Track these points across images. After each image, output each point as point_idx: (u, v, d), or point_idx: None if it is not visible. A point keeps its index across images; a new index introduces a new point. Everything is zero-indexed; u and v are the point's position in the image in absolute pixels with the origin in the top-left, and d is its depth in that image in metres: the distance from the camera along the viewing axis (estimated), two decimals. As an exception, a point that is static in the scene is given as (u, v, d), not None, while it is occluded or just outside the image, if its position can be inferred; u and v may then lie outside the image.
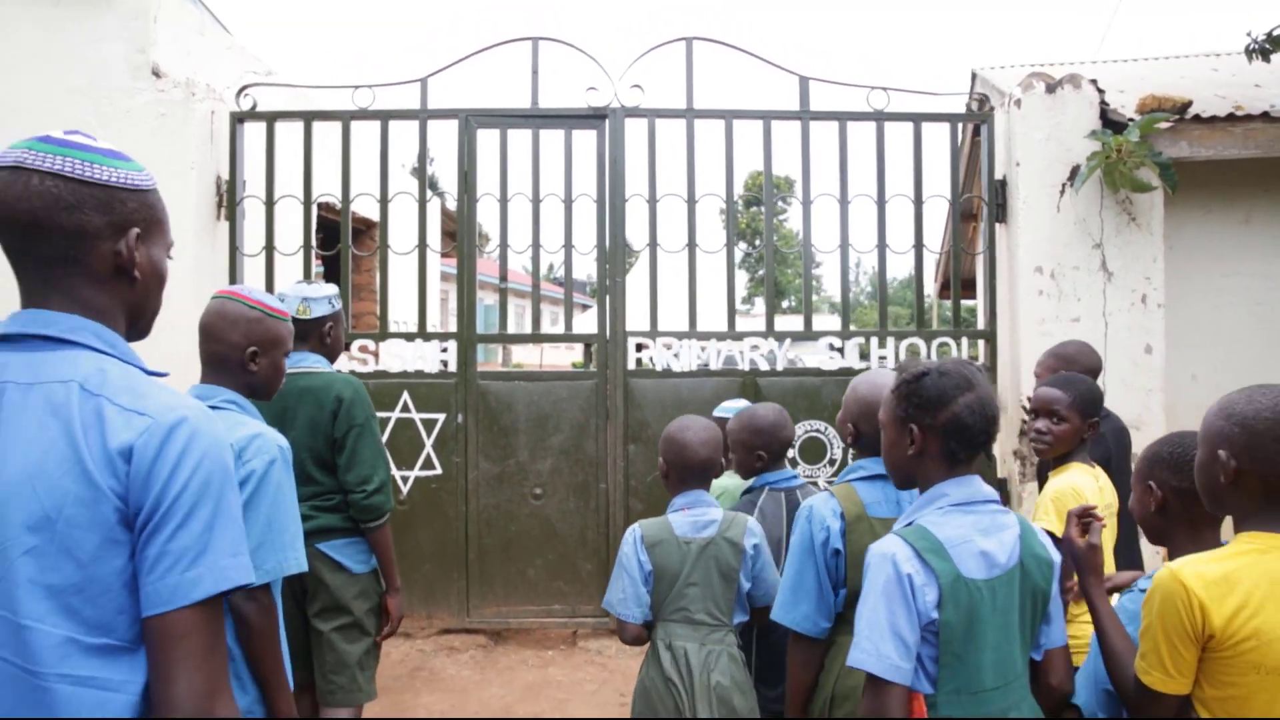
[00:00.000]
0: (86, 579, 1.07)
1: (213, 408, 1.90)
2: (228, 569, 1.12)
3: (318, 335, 2.96)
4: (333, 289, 3.02)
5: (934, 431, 1.75)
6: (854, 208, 5.11)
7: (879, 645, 1.62)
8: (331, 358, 3.03)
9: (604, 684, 4.38)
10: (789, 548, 2.17)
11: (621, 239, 5.13)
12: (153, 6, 4.87)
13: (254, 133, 5.01)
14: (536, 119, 4.99)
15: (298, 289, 2.97)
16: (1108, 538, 2.64)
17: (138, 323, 1.29)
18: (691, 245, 5.05)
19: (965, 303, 9.46)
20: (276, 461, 1.94)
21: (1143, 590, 1.73)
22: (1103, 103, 4.78)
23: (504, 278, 5.19)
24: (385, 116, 4.99)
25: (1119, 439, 3.50)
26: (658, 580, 2.48)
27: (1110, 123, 4.73)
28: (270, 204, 4.96)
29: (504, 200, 4.99)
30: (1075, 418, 2.69)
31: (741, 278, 26.22)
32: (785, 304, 28.69)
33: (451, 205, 5.90)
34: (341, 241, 5.02)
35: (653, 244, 5.08)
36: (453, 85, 5.06)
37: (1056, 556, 1.82)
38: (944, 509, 1.73)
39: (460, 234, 5.07)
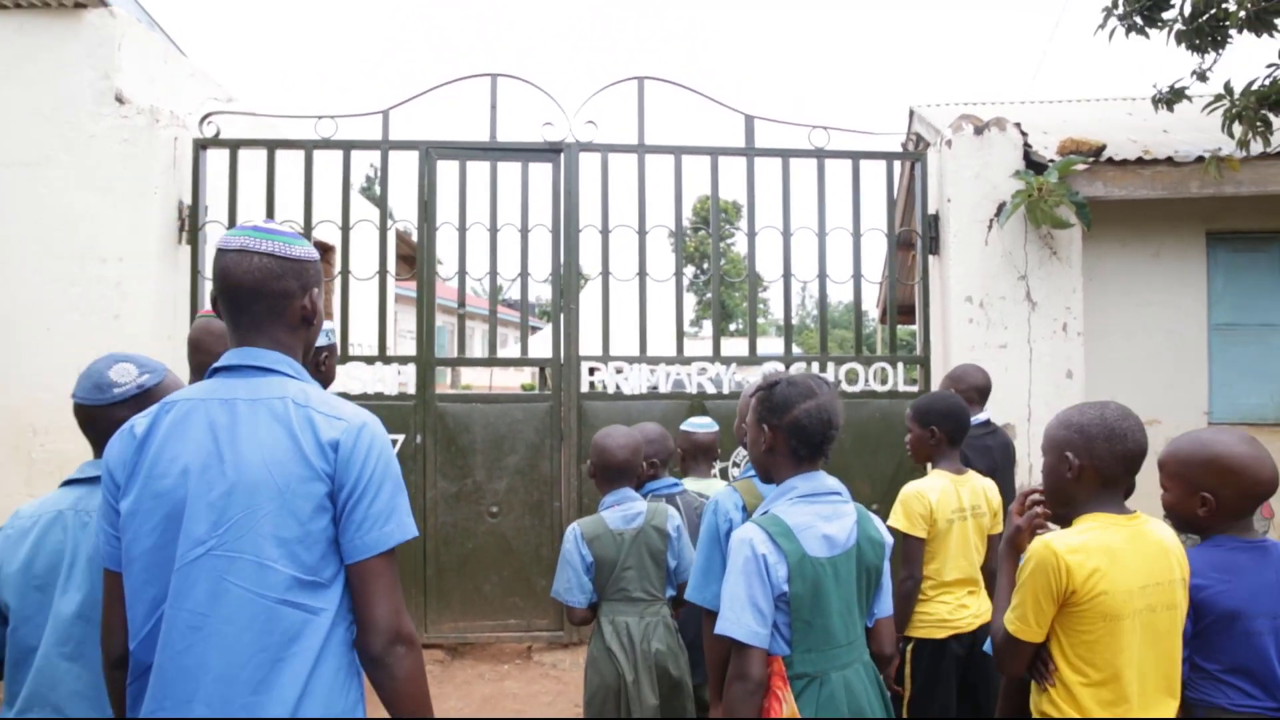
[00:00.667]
0: (305, 533, 1.51)
1: None
2: (407, 526, 1.60)
3: (314, 365, 2.97)
4: (332, 324, 3.11)
5: (781, 431, 2.07)
6: (796, 239, 5.33)
7: (740, 615, 1.91)
8: (325, 386, 3.05)
9: (559, 695, 4.50)
10: (699, 537, 2.41)
11: (575, 267, 5.30)
12: (117, 34, 4.94)
13: (217, 159, 5.08)
14: (495, 152, 5.15)
15: None
16: (975, 530, 3.00)
17: (307, 354, 1.72)
18: (642, 274, 5.23)
19: (908, 328, 9.80)
20: None
21: None
22: (1026, 144, 5.10)
23: (462, 303, 5.31)
24: (348, 146, 5.12)
25: (1005, 452, 3.92)
26: (598, 568, 2.82)
27: (1033, 163, 5.05)
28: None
29: (462, 229, 5.13)
30: (915, 426, 3.07)
31: (690, 300, 26.64)
32: (733, 326, 29.05)
33: (410, 232, 5.97)
34: (339, 270, 5.07)
35: (605, 272, 5.26)
36: (413, 117, 5.24)
37: (889, 539, 2.17)
38: (793, 499, 2.05)
39: (420, 261, 5.18)
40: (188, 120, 5.09)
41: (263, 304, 1.61)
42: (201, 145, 5.02)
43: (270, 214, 5.07)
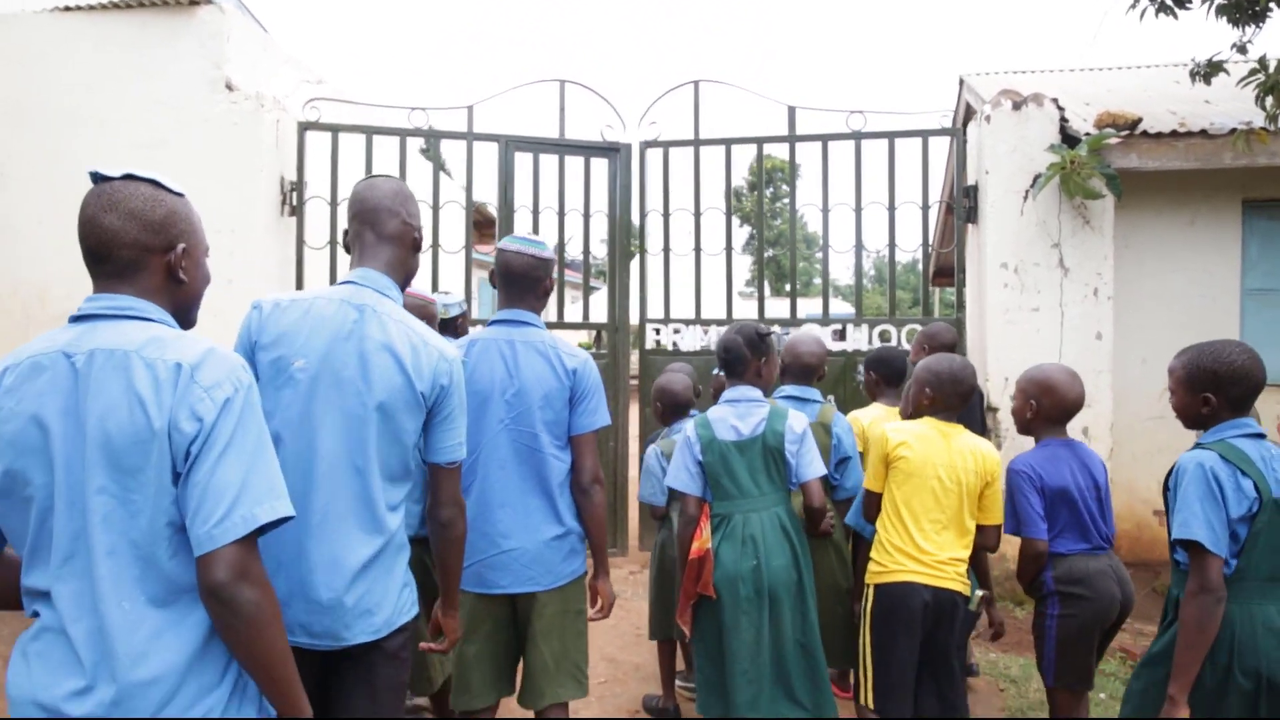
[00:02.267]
0: (558, 420, 2.54)
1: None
2: (605, 418, 2.65)
3: (453, 329, 3.60)
4: (459, 295, 3.77)
5: (732, 354, 3.02)
6: (838, 213, 5.74)
7: (679, 475, 2.96)
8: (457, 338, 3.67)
9: (621, 620, 4.94)
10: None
11: (627, 246, 6.02)
12: (225, 27, 5.42)
13: (314, 140, 5.55)
14: (563, 147, 5.79)
15: (439, 296, 3.62)
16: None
17: (540, 312, 2.69)
18: (697, 250, 5.93)
19: (952, 290, 9.97)
20: None
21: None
22: (1062, 119, 5.26)
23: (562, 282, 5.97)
24: (438, 136, 5.71)
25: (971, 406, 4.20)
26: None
27: (1068, 136, 5.22)
28: (334, 205, 5.53)
29: (535, 211, 5.81)
30: (868, 372, 3.80)
31: (746, 260, 26.97)
32: (785, 287, 29.21)
33: (491, 209, 6.56)
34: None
35: (666, 249, 5.92)
36: (492, 111, 5.92)
37: (795, 431, 2.92)
38: (720, 404, 3.02)
39: (499, 236, 5.79)
40: (287, 104, 5.56)
41: (531, 287, 2.61)
42: (305, 128, 5.49)
43: None
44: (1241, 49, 5.18)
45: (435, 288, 5.62)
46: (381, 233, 2.05)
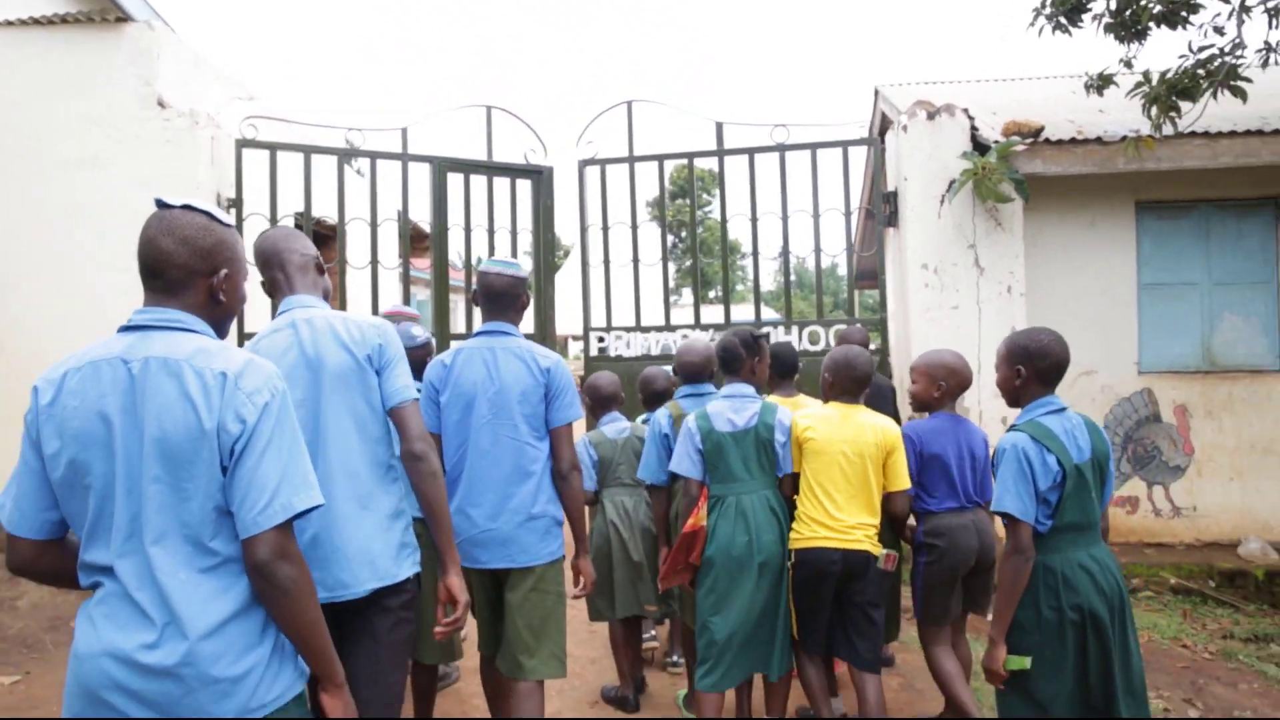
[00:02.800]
0: (535, 414, 2.87)
1: None
2: (578, 412, 2.93)
3: (422, 357, 3.57)
4: (426, 332, 3.77)
5: (730, 358, 3.38)
6: (766, 222, 6.03)
7: (681, 461, 3.30)
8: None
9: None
10: (647, 438, 3.64)
11: (550, 262, 6.31)
12: (156, 45, 5.37)
13: (252, 158, 5.54)
14: (491, 169, 6.02)
15: (408, 326, 3.62)
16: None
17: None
18: (635, 261, 6.13)
19: (874, 293, 10.30)
20: None
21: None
22: (973, 127, 5.61)
23: (469, 287, 5.91)
24: (374, 156, 5.81)
25: (878, 392, 4.50)
26: (601, 464, 3.99)
27: (979, 144, 5.57)
28: (274, 221, 5.53)
29: (467, 229, 6.01)
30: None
31: (672, 268, 27.27)
32: (711, 293, 29.71)
33: (424, 227, 6.63)
34: (338, 258, 5.71)
35: (606, 261, 6.19)
36: (421, 131, 6.08)
37: (784, 425, 3.27)
38: (718, 398, 3.36)
39: (435, 255, 5.97)
40: (221, 120, 5.54)
41: (509, 303, 2.97)
42: (242, 145, 5.48)
43: (308, 212, 5.64)
44: (1128, 64, 5.60)
45: (375, 301, 5.65)
46: (290, 269, 2.36)
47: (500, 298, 2.96)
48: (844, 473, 3.17)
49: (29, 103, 5.31)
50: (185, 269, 1.66)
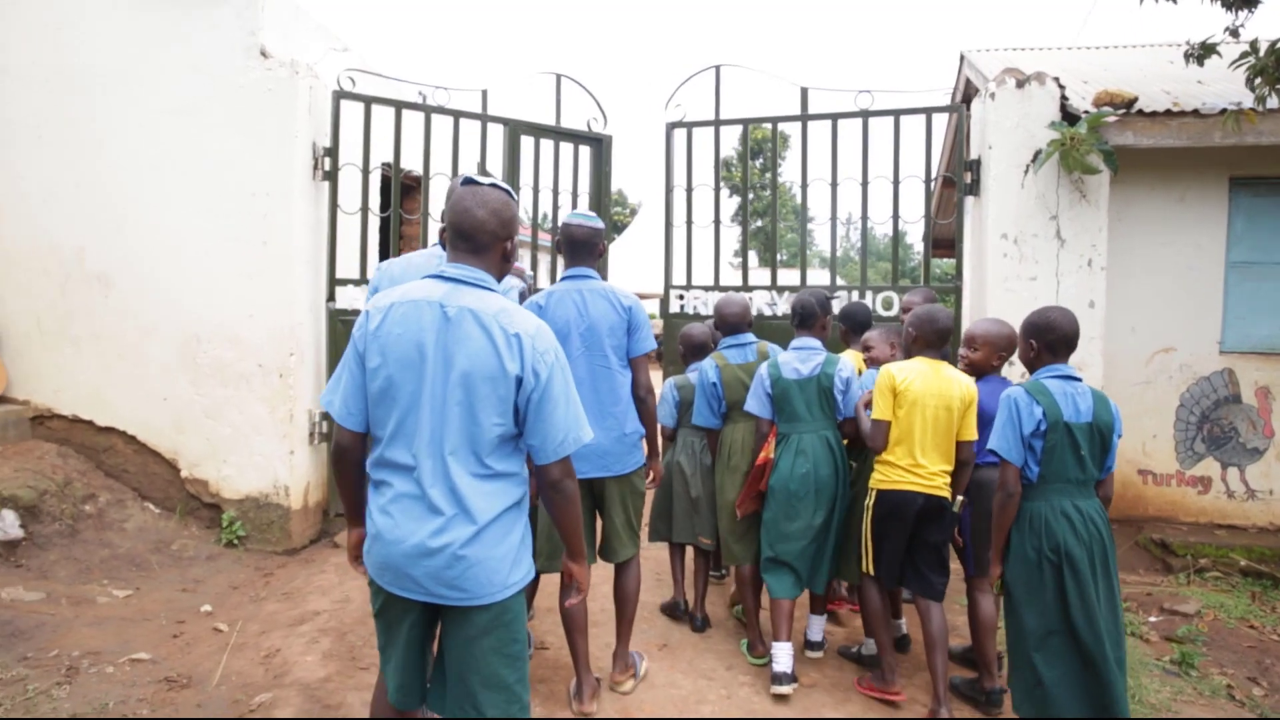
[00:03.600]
0: (619, 345, 3.40)
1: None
2: (652, 343, 3.42)
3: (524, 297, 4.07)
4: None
5: (791, 315, 3.98)
6: (845, 188, 6.00)
7: (753, 402, 3.85)
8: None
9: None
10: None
11: (609, 224, 6.42)
12: (258, -4, 5.52)
13: (346, 109, 5.70)
14: (558, 134, 6.31)
15: (520, 271, 4.35)
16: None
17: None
18: (717, 222, 6.37)
19: (949, 261, 10.16)
20: None
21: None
22: (1063, 97, 5.48)
23: (535, 243, 6.53)
24: (457, 115, 6.02)
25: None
26: (681, 405, 4.39)
27: (1068, 114, 5.44)
28: (366, 172, 5.70)
29: (535, 190, 6.34)
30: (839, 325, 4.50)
31: (737, 229, 27.21)
32: (780, 256, 29.54)
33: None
34: (421, 209, 5.87)
35: (689, 221, 6.41)
36: (498, 95, 6.32)
37: (843, 376, 3.78)
38: (790, 349, 3.87)
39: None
40: (319, 70, 5.69)
41: (586, 248, 3.40)
42: (340, 96, 5.63)
43: (397, 164, 5.82)
44: (1234, 32, 5.40)
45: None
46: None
47: (582, 245, 3.40)
48: (933, 423, 3.41)
49: (137, 50, 5.51)
50: (493, 235, 2.12)
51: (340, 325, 5.63)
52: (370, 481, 2.15)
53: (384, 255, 7.09)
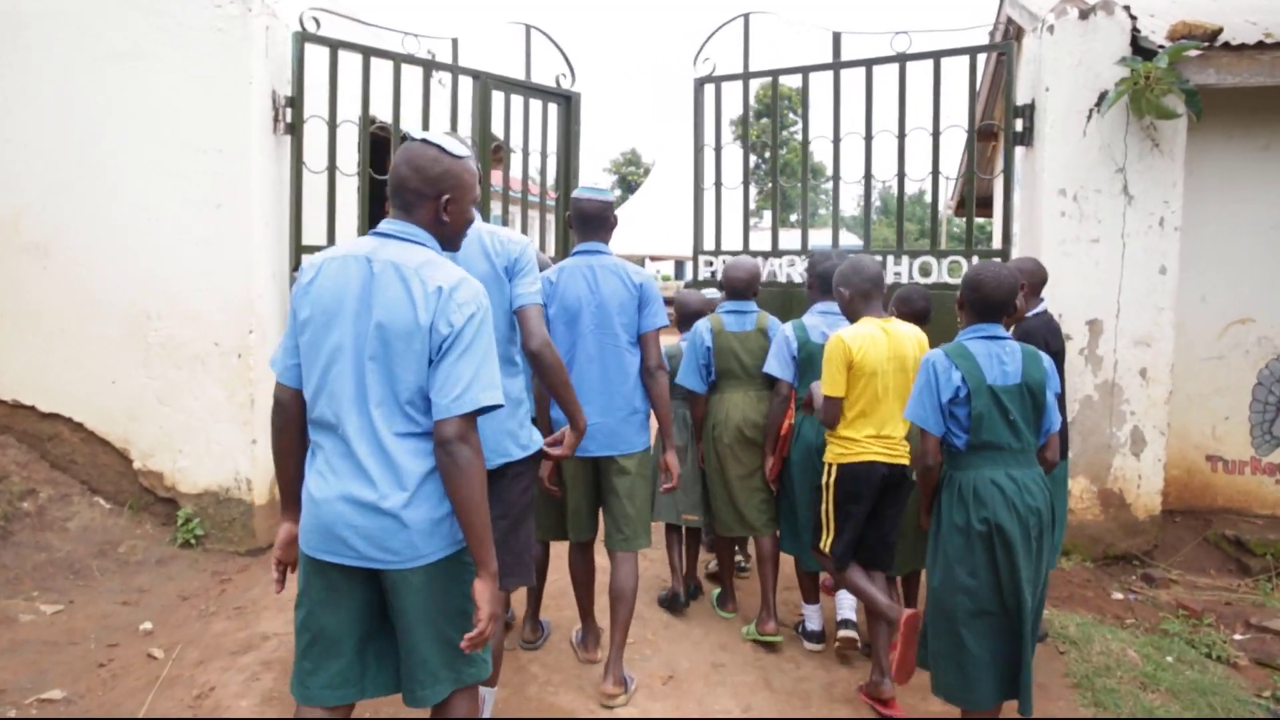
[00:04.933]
0: (630, 323, 3.25)
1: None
2: (664, 319, 3.34)
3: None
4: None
5: (815, 278, 3.81)
6: (878, 141, 5.39)
7: (776, 363, 3.70)
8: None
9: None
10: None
11: (573, 187, 6.13)
12: (206, -78, 4.78)
13: (311, 54, 4.98)
14: (529, 90, 5.82)
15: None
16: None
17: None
18: (746, 183, 5.89)
19: (979, 220, 9.54)
20: None
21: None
22: (1134, 29, 4.69)
23: (506, 205, 6.03)
24: (428, 65, 5.43)
25: (1043, 332, 3.73)
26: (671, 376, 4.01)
27: (1140, 49, 4.65)
28: (333, 126, 5.00)
29: (507, 150, 6.01)
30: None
31: (755, 190, 26.47)
32: (793, 218, 28.67)
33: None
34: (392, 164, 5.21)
35: (718, 184, 5.93)
36: (468, 45, 5.72)
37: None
38: (813, 314, 3.76)
39: (482, 170, 5.47)
40: (277, 9, 4.96)
41: (597, 222, 3.28)
42: (304, 39, 4.90)
43: (365, 116, 5.14)
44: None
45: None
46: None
47: (593, 220, 3.29)
48: (895, 390, 3.23)
49: (75, -13, 4.80)
50: (416, 193, 2.04)
51: (308, 298, 4.98)
52: (309, 448, 2.06)
53: (370, 220, 6.47)
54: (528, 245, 2.69)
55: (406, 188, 2.03)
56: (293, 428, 2.09)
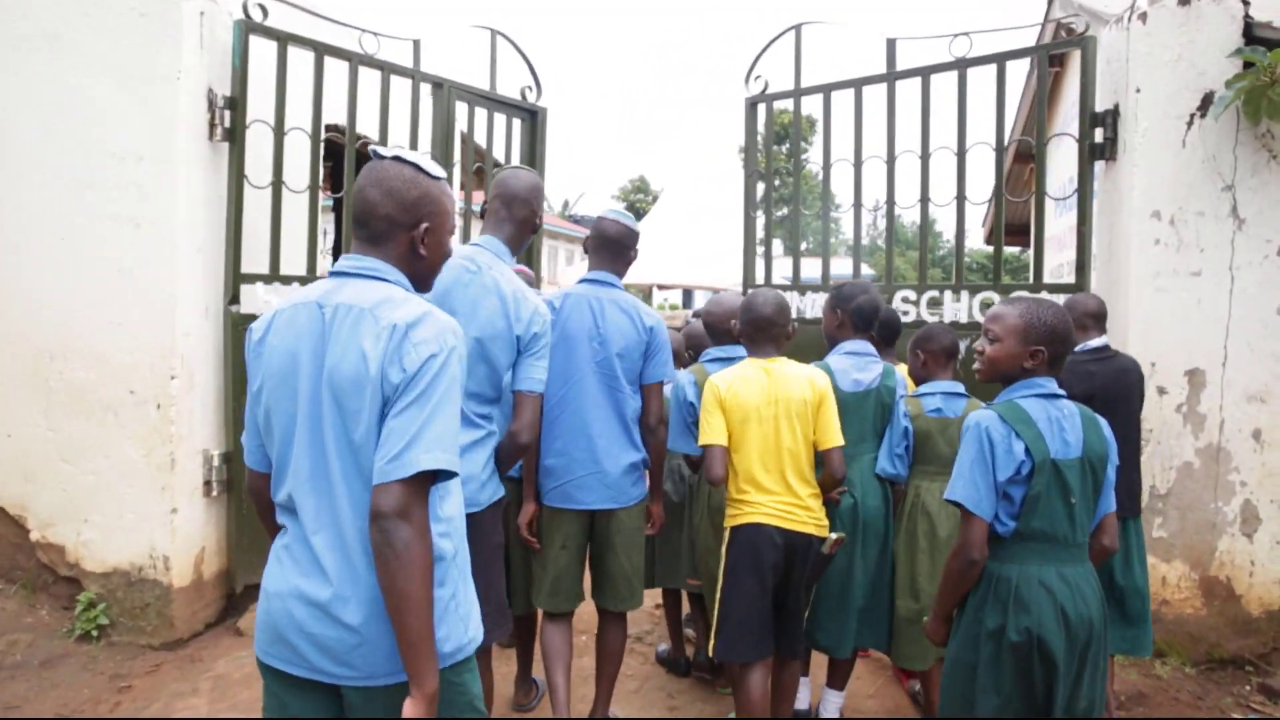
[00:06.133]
0: (633, 368, 3.01)
1: None
2: (670, 372, 3.20)
3: None
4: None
5: (846, 314, 3.25)
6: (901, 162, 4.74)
7: (673, 433, 3.22)
8: None
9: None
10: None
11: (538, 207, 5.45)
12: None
13: (257, 48, 4.16)
14: (493, 102, 5.21)
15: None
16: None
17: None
18: (795, 207, 6.30)
19: (1013, 249, 8.71)
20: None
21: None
22: (1247, 16, 3.84)
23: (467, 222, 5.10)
24: (387, 68, 4.65)
25: (1117, 380, 3.27)
26: None
27: (1255, 39, 3.81)
28: (281, 133, 4.19)
29: (465, 167, 5.24)
30: (914, 353, 3.36)
31: (761, 217, 25.86)
32: (803, 246, 28.12)
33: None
34: (347, 178, 4.43)
35: (768, 210, 5.88)
36: (431, 49, 4.97)
37: (901, 390, 3.20)
38: (838, 355, 3.23)
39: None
40: (216, -6, 4.15)
41: (617, 249, 3.07)
42: (248, 29, 4.09)
43: (318, 120, 4.36)
44: None
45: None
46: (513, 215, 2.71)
47: (611, 244, 3.03)
48: (775, 437, 2.87)
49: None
50: (387, 220, 1.68)
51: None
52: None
53: (335, 247, 5.75)
54: (549, 324, 2.55)
55: (375, 214, 1.68)
56: (269, 511, 1.74)
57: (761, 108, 5.33)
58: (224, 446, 4.13)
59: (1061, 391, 2.27)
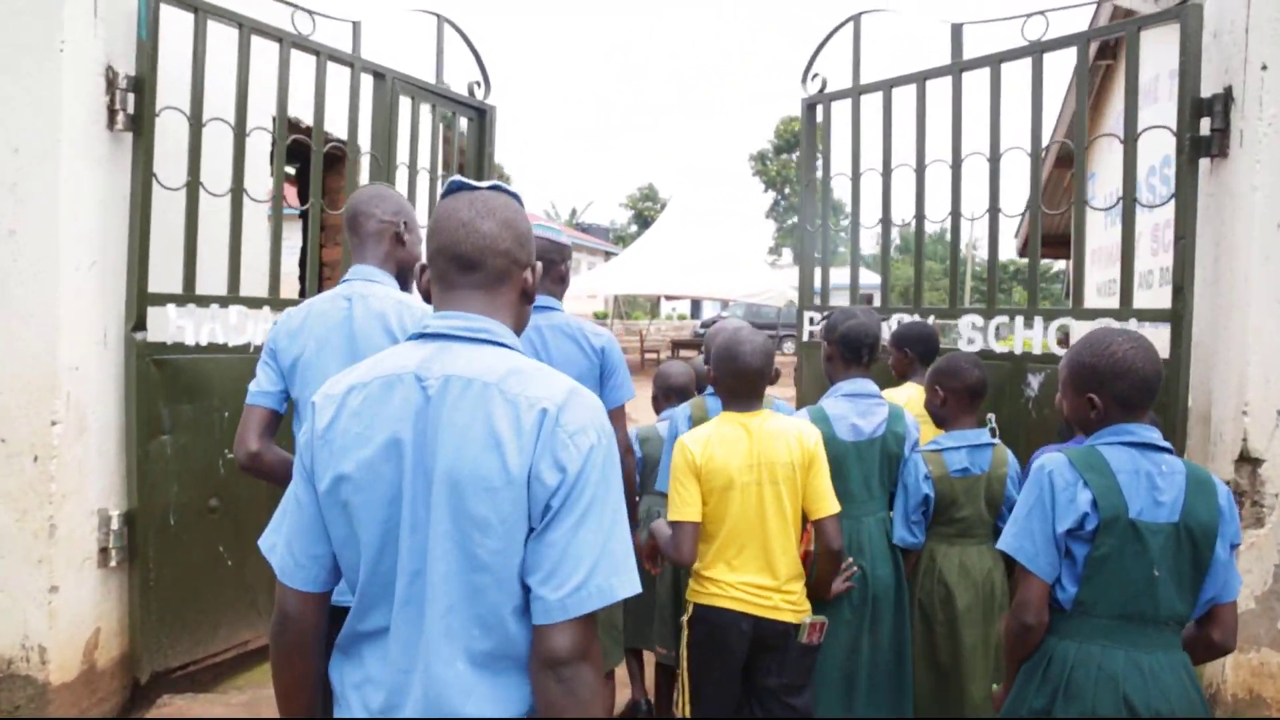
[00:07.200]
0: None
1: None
2: (629, 391, 2.85)
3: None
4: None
5: (833, 344, 2.91)
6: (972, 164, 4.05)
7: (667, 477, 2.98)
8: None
9: None
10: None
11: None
12: None
13: (171, 20, 3.39)
14: (439, 97, 4.71)
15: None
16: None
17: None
18: (855, 220, 4.71)
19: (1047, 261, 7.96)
20: None
21: None
22: None
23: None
24: (323, 52, 3.97)
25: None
26: (645, 465, 3.39)
27: None
28: (198, 123, 3.43)
29: (413, 168, 4.53)
30: (899, 350, 3.42)
31: (771, 226, 24.77)
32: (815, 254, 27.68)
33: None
34: (275, 182, 3.84)
35: (825, 221, 4.84)
36: (372, 32, 4.37)
37: (913, 435, 2.86)
38: (834, 398, 2.86)
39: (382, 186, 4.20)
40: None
41: (545, 266, 2.59)
42: None
43: (242, 112, 3.62)
44: None
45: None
46: (363, 233, 2.27)
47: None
48: (756, 507, 2.46)
49: None
50: (507, 258, 1.38)
51: (154, 369, 3.33)
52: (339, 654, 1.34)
53: (306, 266, 5.21)
54: (613, 339, 2.60)
55: (495, 249, 1.35)
56: (310, 655, 1.35)
57: (820, 108, 4.80)
58: (126, 505, 3.35)
59: (1166, 444, 1.92)
